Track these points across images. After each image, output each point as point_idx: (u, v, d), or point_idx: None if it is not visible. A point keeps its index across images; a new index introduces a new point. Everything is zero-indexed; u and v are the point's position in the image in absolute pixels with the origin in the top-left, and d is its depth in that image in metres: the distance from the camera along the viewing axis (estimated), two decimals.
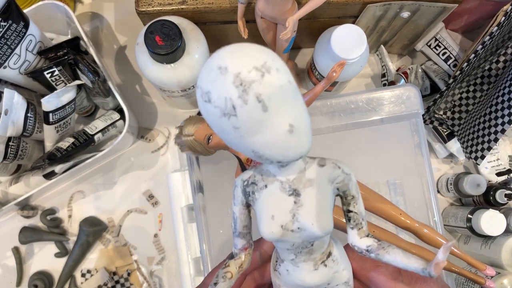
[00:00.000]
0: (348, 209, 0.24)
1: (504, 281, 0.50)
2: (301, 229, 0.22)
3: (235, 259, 0.25)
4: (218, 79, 0.18)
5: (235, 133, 0.19)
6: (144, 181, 0.63)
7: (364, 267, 0.26)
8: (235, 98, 0.18)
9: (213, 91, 0.18)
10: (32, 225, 0.61)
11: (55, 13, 0.56)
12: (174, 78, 0.47)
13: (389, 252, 0.23)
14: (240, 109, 0.18)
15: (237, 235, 0.25)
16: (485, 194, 0.57)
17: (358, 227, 0.24)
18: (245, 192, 0.24)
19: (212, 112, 0.19)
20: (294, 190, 0.22)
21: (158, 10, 0.48)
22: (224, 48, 0.19)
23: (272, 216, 0.22)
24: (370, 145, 0.49)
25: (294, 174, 0.22)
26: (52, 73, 0.51)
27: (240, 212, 0.24)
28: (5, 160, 0.53)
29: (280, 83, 0.19)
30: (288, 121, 0.19)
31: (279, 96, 0.19)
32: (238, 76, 0.18)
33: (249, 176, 0.24)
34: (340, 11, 0.50)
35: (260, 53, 0.19)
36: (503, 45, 0.55)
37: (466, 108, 0.58)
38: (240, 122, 0.19)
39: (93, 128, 0.57)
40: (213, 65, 0.19)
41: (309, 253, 0.24)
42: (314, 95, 0.40)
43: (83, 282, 0.60)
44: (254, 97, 0.18)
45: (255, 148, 0.20)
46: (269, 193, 0.23)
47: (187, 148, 0.39)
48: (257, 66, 0.18)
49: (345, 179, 0.23)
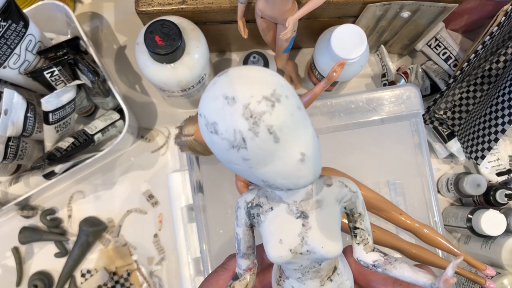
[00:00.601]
0: (355, 226, 0.24)
1: (504, 281, 0.50)
2: (310, 252, 0.22)
3: (240, 280, 0.24)
4: (225, 109, 0.17)
5: (244, 164, 0.18)
6: (144, 181, 0.62)
7: (363, 271, 0.27)
8: (245, 130, 0.17)
9: (220, 123, 0.18)
10: (32, 225, 0.61)
11: (55, 13, 0.56)
12: (174, 78, 0.47)
13: (396, 267, 0.23)
14: (251, 142, 0.17)
15: (241, 256, 0.24)
16: (485, 194, 0.57)
17: (364, 243, 0.24)
18: (249, 214, 0.23)
19: (220, 144, 0.18)
20: (302, 212, 0.22)
21: (158, 10, 0.48)
22: (227, 74, 0.18)
23: (280, 240, 0.22)
24: (370, 145, 0.49)
25: (301, 197, 0.22)
26: (52, 73, 0.51)
27: (244, 234, 0.24)
28: (5, 160, 0.53)
29: (290, 111, 0.18)
30: (300, 149, 0.19)
31: (290, 126, 0.18)
32: (248, 108, 0.17)
33: (253, 198, 0.23)
34: (340, 11, 0.50)
35: (268, 77, 0.18)
36: (503, 45, 0.55)
37: (466, 108, 0.58)
38: (250, 154, 0.18)
39: (93, 128, 0.57)
40: (218, 94, 0.18)
41: (317, 272, 0.24)
42: (314, 95, 0.40)
43: (83, 282, 0.60)
44: (265, 129, 0.17)
45: (265, 178, 0.19)
46: (276, 216, 0.22)
47: (187, 148, 0.39)
48: (267, 95, 0.17)
49: (352, 197, 0.23)
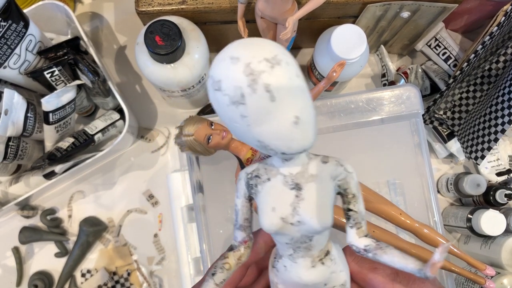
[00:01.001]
0: (348, 207, 0.24)
1: (504, 281, 0.50)
2: (300, 222, 0.22)
3: (234, 251, 0.25)
4: (229, 68, 0.19)
5: (243, 121, 0.20)
6: (144, 181, 0.62)
7: (362, 269, 0.26)
8: (244, 86, 0.19)
9: (223, 80, 0.19)
10: (32, 225, 0.61)
11: (55, 13, 0.56)
12: (174, 78, 0.47)
13: (386, 252, 0.23)
14: (249, 98, 0.19)
15: (238, 227, 0.25)
16: (485, 194, 0.57)
17: (357, 226, 0.24)
18: (248, 185, 0.24)
19: (221, 100, 0.20)
20: (296, 184, 0.23)
21: (158, 10, 0.48)
22: (237, 41, 0.20)
23: (273, 208, 0.23)
24: (370, 145, 0.49)
25: (297, 169, 0.23)
26: (52, 73, 0.51)
27: (242, 205, 0.25)
28: (5, 160, 0.53)
29: (289, 75, 0.19)
30: (294, 113, 0.20)
31: (287, 88, 0.19)
32: (249, 66, 0.19)
33: (253, 169, 0.24)
34: (340, 11, 0.50)
35: (271, 46, 0.20)
36: (503, 45, 0.55)
37: (466, 108, 0.58)
38: (248, 111, 0.19)
39: (93, 128, 0.57)
40: (226, 55, 0.19)
41: (307, 249, 0.24)
42: (314, 95, 0.40)
43: (83, 282, 0.60)
44: (263, 86, 0.19)
45: (260, 137, 0.20)
46: (272, 186, 0.23)
47: (187, 148, 0.39)
48: (268, 58, 0.19)
49: (347, 177, 0.23)
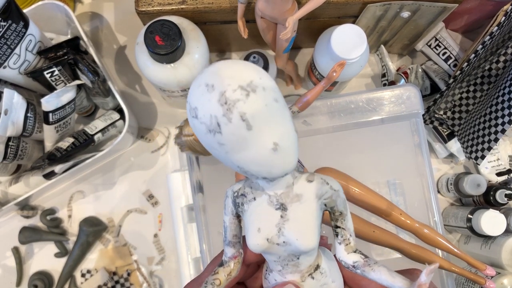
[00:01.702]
0: (336, 224, 0.24)
1: (504, 281, 0.50)
2: (286, 243, 0.22)
3: (224, 267, 0.25)
4: (204, 96, 0.19)
5: (221, 149, 0.20)
6: (144, 181, 0.62)
7: (355, 276, 0.26)
8: (219, 116, 0.19)
9: (199, 108, 0.19)
10: (32, 225, 0.61)
11: (55, 13, 0.56)
12: (174, 78, 0.47)
13: (374, 269, 0.23)
14: (225, 127, 0.19)
15: (227, 243, 0.25)
16: (485, 194, 0.57)
17: (345, 243, 0.24)
18: (235, 203, 0.24)
19: (199, 128, 0.20)
20: (282, 204, 0.23)
21: (158, 10, 0.48)
22: (213, 65, 0.19)
23: (259, 229, 0.23)
24: (370, 145, 0.49)
25: (282, 189, 0.23)
26: (52, 73, 0.51)
27: (230, 222, 0.25)
28: (5, 160, 0.53)
29: (265, 102, 0.19)
30: (273, 139, 0.20)
31: (264, 115, 0.19)
32: (224, 95, 0.18)
33: (239, 188, 0.24)
34: (340, 11, 0.50)
35: (247, 71, 0.19)
36: (503, 45, 0.55)
37: (466, 108, 0.58)
38: (224, 139, 0.19)
39: (93, 128, 0.57)
40: (201, 82, 0.19)
41: (296, 266, 0.24)
42: (314, 95, 0.40)
43: (83, 282, 0.60)
44: (238, 115, 0.18)
45: (240, 164, 0.20)
46: (257, 206, 0.23)
47: (187, 148, 0.39)
48: (243, 85, 0.19)
49: (333, 195, 0.23)
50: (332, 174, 0.40)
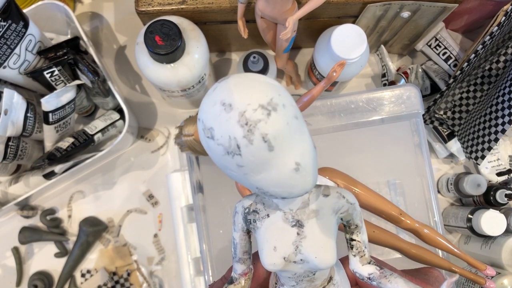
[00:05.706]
0: (351, 237, 0.24)
1: (504, 281, 0.50)
2: (304, 261, 0.22)
3: (234, 284, 0.24)
4: (222, 116, 0.18)
5: (239, 170, 0.19)
6: (144, 181, 0.62)
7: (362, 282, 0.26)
8: (239, 137, 0.17)
9: (216, 128, 0.18)
10: (32, 225, 0.61)
11: (55, 13, 0.56)
12: (174, 78, 0.47)
13: (391, 281, 0.23)
14: (245, 149, 0.18)
15: (237, 260, 0.25)
16: (486, 194, 0.57)
17: (360, 255, 0.24)
18: (246, 220, 0.23)
19: (215, 149, 0.18)
20: (298, 221, 0.22)
21: (158, 10, 0.48)
22: (227, 80, 0.18)
23: (275, 248, 0.22)
24: (370, 145, 0.49)
25: (298, 205, 0.22)
26: (52, 73, 0.51)
27: (241, 238, 0.24)
28: (5, 160, 0.53)
29: (286, 120, 0.18)
30: (295, 159, 0.19)
31: (285, 135, 0.18)
32: (243, 115, 0.17)
33: (250, 204, 0.23)
34: (340, 11, 0.50)
35: (266, 87, 0.18)
36: (504, 45, 0.55)
37: (467, 108, 0.58)
38: (244, 161, 0.18)
39: (93, 128, 0.57)
40: (216, 99, 0.18)
41: (310, 281, 0.24)
42: (314, 95, 0.40)
43: (83, 282, 0.60)
44: (260, 137, 0.17)
45: (259, 185, 0.19)
46: (271, 223, 0.22)
47: (187, 148, 0.39)
48: (263, 104, 0.18)
49: (349, 209, 0.23)
50: (332, 174, 0.40)
